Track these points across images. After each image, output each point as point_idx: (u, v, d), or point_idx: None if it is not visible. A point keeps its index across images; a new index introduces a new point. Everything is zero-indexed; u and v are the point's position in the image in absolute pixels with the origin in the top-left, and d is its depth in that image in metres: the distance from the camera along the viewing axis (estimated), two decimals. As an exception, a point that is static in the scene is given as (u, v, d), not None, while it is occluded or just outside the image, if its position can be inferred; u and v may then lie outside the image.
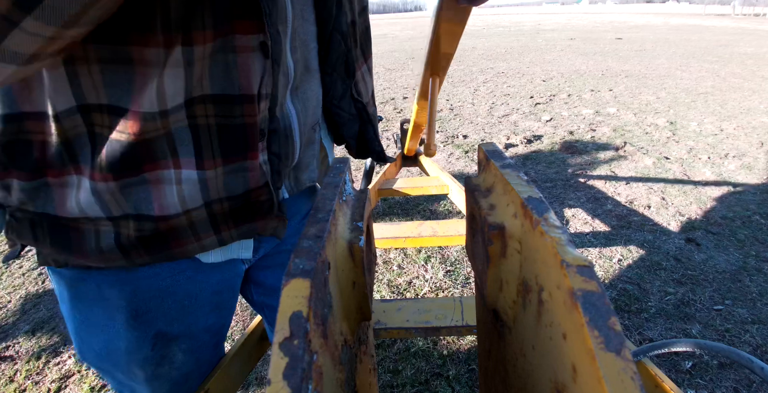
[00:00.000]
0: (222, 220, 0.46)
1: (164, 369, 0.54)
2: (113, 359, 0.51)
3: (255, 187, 0.46)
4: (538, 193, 0.21)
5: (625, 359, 0.12)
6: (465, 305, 0.87)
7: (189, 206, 0.43)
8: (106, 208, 0.41)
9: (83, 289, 0.48)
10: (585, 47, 8.52)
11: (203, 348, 0.58)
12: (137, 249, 0.43)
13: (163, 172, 0.41)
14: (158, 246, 0.44)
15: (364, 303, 0.24)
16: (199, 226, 0.45)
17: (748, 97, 4.13)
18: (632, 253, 1.76)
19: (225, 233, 0.47)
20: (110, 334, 0.50)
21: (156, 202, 0.41)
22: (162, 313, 0.50)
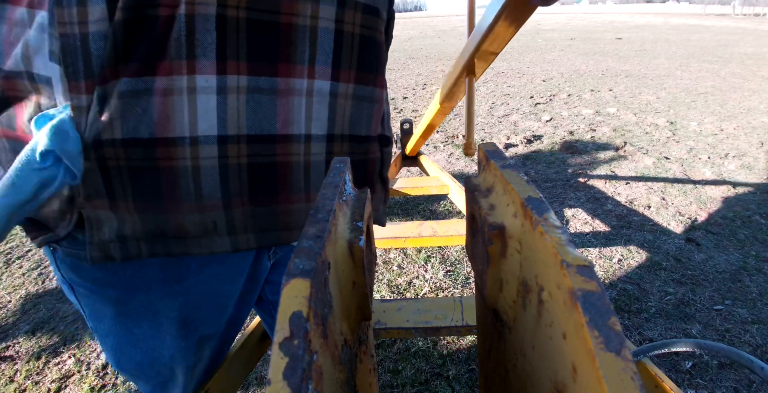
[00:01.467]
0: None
1: (198, 369, 0.55)
2: (156, 368, 0.50)
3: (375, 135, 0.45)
4: (538, 193, 0.21)
5: (625, 359, 0.12)
6: (465, 305, 0.87)
7: (313, 130, 0.39)
8: (222, 120, 0.35)
9: (132, 306, 0.45)
10: (585, 47, 8.52)
11: (228, 342, 0.58)
12: (243, 188, 0.38)
13: (295, 81, 0.37)
14: (266, 188, 0.39)
15: (364, 303, 0.24)
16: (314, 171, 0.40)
17: (748, 97, 4.13)
18: (632, 253, 1.76)
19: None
20: (155, 345, 0.48)
21: (281, 115, 0.37)
22: (205, 317, 0.50)
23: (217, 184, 0.37)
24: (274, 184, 0.39)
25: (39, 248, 0.44)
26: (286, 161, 0.39)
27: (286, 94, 0.37)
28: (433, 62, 7.17)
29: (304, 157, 0.40)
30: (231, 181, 0.37)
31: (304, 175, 0.40)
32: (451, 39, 11.31)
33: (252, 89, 0.35)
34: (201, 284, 0.46)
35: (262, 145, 0.37)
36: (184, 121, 0.35)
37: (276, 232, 0.42)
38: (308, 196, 0.42)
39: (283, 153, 0.39)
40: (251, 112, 0.36)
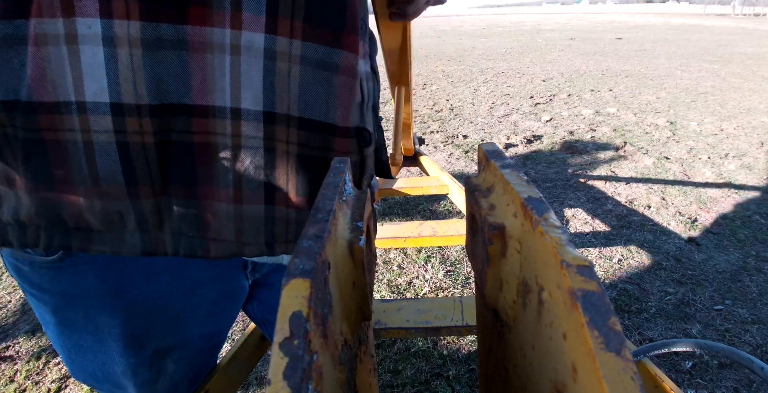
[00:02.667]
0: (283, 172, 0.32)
1: (159, 384, 0.49)
2: (111, 380, 0.46)
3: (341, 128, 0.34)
4: (538, 193, 0.21)
5: (625, 359, 0.12)
6: (465, 305, 0.87)
7: (242, 104, 0.29)
8: (114, 83, 0.27)
9: (70, 315, 0.40)
10: (585, 47, 8.52)
11: (197, 354, 0.53)
12: (153, 172, 0.30)
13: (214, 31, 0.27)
14: (183, 176, 0.30)
15: (364, 303, 0.24)
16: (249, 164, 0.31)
17: (748, 97, 4.13)
18: (632, 253, 1.76)
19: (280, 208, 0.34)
20: (104, 359, 0.44)
21: (196, 79, 0.28)
22: (158, 330, 0.44)
23: (117, 165, 0.29)
24: (192, 171, 0.30)
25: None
26: (205, 142, 0.30)
27: (200, 50, 0.27)
28: (433, 62, 7.17)
29: (232, 139, 0.30)
30: (135, 163, 0.29)
31: (232, 164, 0.30)
32: (451, 39, 11.31)
33: (150, 41, 0.26)
34: (148, 299, 0.41)
35: (171, 118, 0.28)
36: (67, 81, 0.27)
37: (201, 240, 0.34)
38: (238, 196, 0.32)
39: (201, 131, 0.29)
40: (151, 73, 0.27)
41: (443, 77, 5.78)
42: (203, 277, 0.45)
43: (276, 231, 0.35)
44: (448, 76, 5.87)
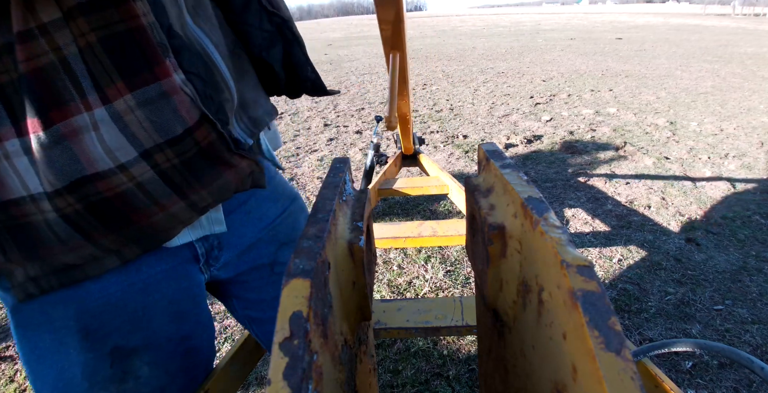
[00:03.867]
0: (179, 177, 0.39)
1: (129, 385, 0.49)
2: (73, 386, 0.46)
3: (193, 124, 0.38)
4: (538, 193, 0.21)
5: (625, 359, 0.12)
6: (465, 305, 0.87)
7: (121, 159, 0.37)
8: (39, 178, 0.36)
9: (27, 314, 0.44)
10: (585, 47, 8.52)
11: (171, 359, 0.52)
12: (94, 226, 0.39)
13: (76, 119, 0.35)
14: (117, 218, 0.39)
15: (364, 303, 0.24)
16: (152, 188, 0.39)
17: (748, 97, 4.13)
18: (632, 253, 1.76)
19: (194, 196, 0.41)
20: (63, 362, 0.45)
21: (81, 155, 0.36)
22: (115, 327, 0.46)
23: (70, 230, 0.39)
24: (120, 213, 0.39)
25: None
26: (115, 194, 0.38)
27: (73, 136, 0.36)
28: (433, 62, 7.17)
29: (131, 183, 0.38)
30: (81, 224, 0.39)
31: (144, 195, 0.39)
32: (451, 39, 11.31)
33: (45, 145, 0.35)
34: (98, 292, 0.44)
35: (83, 188, 0.37)
36: (17, 183, 0.37)
37: (150, 239, 0.42)
38: (161, 205, 0.40)
39: (108, 188, 0.38)
40: (52, 165, 0.36)
41: (443, 77, 5.78)
42: (155, 274, 0.47)
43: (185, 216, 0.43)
44: (448, 76, 5.87)
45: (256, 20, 0.48)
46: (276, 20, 0.49)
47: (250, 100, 0.50)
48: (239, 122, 0.49)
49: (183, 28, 0.41)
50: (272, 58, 0.50)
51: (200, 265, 0.52)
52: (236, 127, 0.49)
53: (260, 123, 0.51)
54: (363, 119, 3.89)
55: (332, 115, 4.08)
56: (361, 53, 9.24)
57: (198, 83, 0.39)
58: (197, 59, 0.40)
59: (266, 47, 0.49)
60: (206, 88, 0.40)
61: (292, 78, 0.54)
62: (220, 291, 0.61)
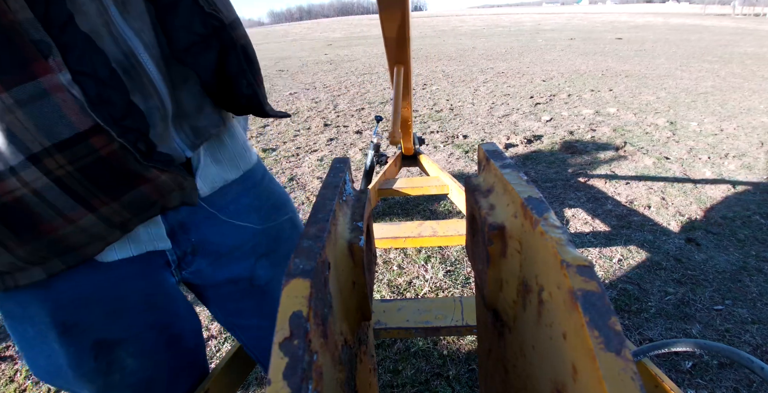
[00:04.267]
0: (78, 184, 0.37)
1: (115, 377, 0.50)
2: (61, 375, 0.48)
3: (86, 128, 0.35)
4: (538, 193, 0.21)
5: (625, 359, 0.12)
6: (465, 305, 0.87)
7: (10, 162, 0.35)
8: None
9: (9, 308, 0.45)
10: (585, 47, 8.52)
11: (155, 349, 0.52)
12: (6, 234, 0.37)
13: None
14: (24, 227, 0.37)
15: (364, 303, 0.24)
16: (51, 197, 0.36)
17: (748, 97, 4.13)
18: (632, 253, 1.76)
19: (105, 209, 0.39)
20: (49, 351, 0.46)
21: None
22: (93, 322, 0.46)
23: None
24: (26, 222, 0.37)
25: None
26: (15, 198, 0.36)
27: None
28: (433, 62, 7.17)
29: (26, 189, 0.36)
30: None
31: (44, 203, 0.37)
32: (451, 39, 11.31)
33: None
34: (72, 289, 0.44)
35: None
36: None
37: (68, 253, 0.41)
38: (66, 216, 0.38)
39: (4, 193, 0.36)
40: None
41: (443, 77, 5.78)
42: (125, 274, 0.47)
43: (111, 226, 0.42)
44: (448, 76, 5.87)
45: (186, 21, 0.42)
46: (212, 22, 0.43)
47: (192, 108, 0.45)
48: (179, 131, 0.45)
49: (107, 26, 0.37)
50: (198, 65, 0.43)
51: (171, 270, 0.52)
52: (174, 136, 0.45)
53: (203, 134, 0.47)
54: (363, 119, 3.89)
55: (332, 115, 4.08)
56: (361, 53, 9.24)
57: (89, 85, 0.35)
58: (96, 58, 0.36)
59: (193, 53, 0.43)
60: (103, 89, 0.36)
61: (226, 90, 0.47)
62: (200, 295, 0.61)
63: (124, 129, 0.37)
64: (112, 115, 0.37)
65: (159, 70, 0.41)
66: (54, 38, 0.34)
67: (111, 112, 0.36)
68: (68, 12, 0.35)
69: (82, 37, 0.35)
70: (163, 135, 0.43)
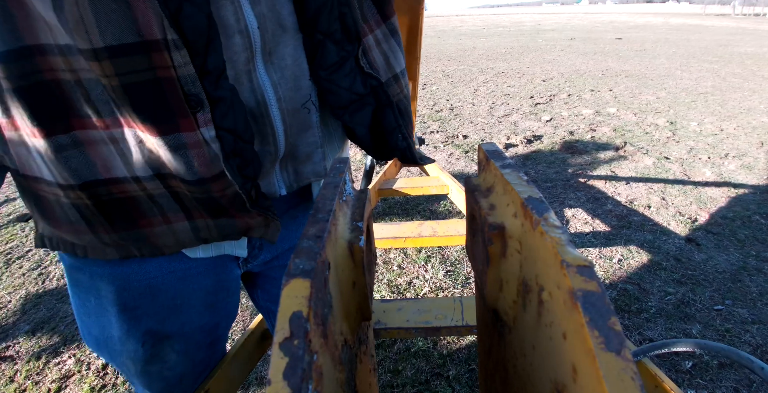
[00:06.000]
0: (189, 201, 0.40)
1: (155, 367, 0.53)
2: (109, 346, 0.51)
3: (209, 177, 0.37)
4: (538, 193, 0.21)
5: (625, 359, 0.12)
6: (465, 305, 0.86)
7: (137, 173, 0.38)
8: (50, 172, 0.38)
9: (79, 277, 0.48)
10: (585, 47, 8.52)
11: (198, 348, 0.56)
12: (100, 220, 0.40)
13: (92, 132, 0.36)
14: (122, 218, 0.40)
15: (364, 303, 0.24)
16: (162, 202, 0.40)
17: (748, 97, 4.13)
18: (632, 253, 1.76)
19: (200, 221, 0.42)
20: (104, 322, 0.49)
21: (98, 161, 0.37)
22: (153, 311, 0.49)
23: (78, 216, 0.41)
24: (125, 215, 0.41)
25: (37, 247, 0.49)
26: (125, 196, 0.40)
27: (92, 144, 0.37)
28: (433, 62, 7.16)
29: (143, 193, 0.40)
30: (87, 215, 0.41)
31: (152, 203, 0.41)
32: (451, 39, 11.31)
33: (55, 148, 0.37)
34: (142, 274, 0.47)
35: (95, 189, 0.39)
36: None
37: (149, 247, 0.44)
38: (167, 217, 0.42)
39: (120, 191, 0.39)
40: (67, 164, 0.37)
41: (443, 77, 5.78)
42: (196, 265, 0.49)
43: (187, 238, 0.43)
44: (448, 76, 5.87)
45: (347, 81, 0.43)
46: (372, 83, 0.45)
47: (303, 155, 0.46)
48: (283, 171, 0.47)
49: (249, 75, 0.38)
50: (354, 122, 0.46)
51: (239, 262, 0.54)
52: (277, 175, 0.47)
53: (303, 178, 0.49)
54: (363, 119, 3.88)
55: (332, 115, 4.08)
56: (361, 53, 9.22)
57: (228, 139, 0.37)
58: (239, 113, 0.37)
59: (352, 110, 0.45)
60: (238, 143, 0.37)
61: (381, 143, 0.49)
62: (249, 280, 0.63)
63: (245, 179, 0.39)
64: (239, 166, 0.38)
65: (283, 120, 0.42)
66: (207, 92, 0.34)
67: (238, 163, 0.38)
68: (223, 63, 0.35)
69: (230, 90, 0.36)
70: (266, 173, 0.45)
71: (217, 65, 0.35)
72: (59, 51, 0.33)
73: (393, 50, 0.48)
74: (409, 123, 0.51)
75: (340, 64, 0.42)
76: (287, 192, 0.48)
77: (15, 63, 0.33)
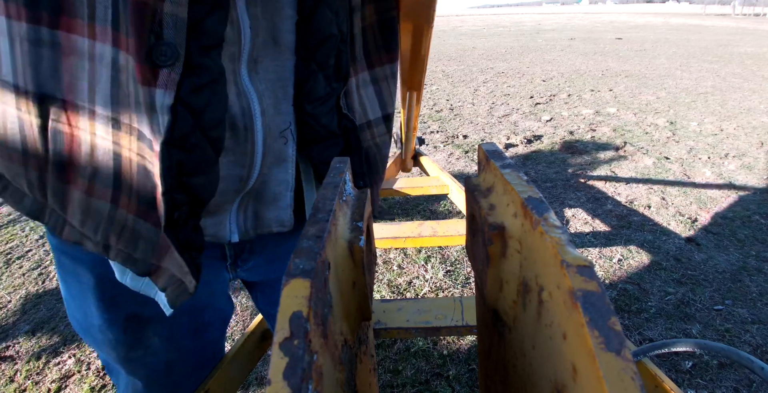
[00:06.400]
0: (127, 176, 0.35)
1: (137, 353, 0.51)
2: (92, 333, 0.50)
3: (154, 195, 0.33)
4: (538, 193, 0.21)
5: (625, 359, 0.12)
6: (465, 305, 0.86)
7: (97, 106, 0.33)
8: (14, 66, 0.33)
9: (63, 260, 0.47)
10: (585, 47, 8.52)
11: (183, 334, 0.54)
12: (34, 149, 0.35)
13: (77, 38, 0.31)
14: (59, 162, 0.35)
15: (364, 303, 0.24)
16: (101, 162, 0.35)
17: (748, 97, 4.13)
18: (632, 253, 1.76)
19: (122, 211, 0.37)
20: (86, 309, 0.49)
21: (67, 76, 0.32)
22: (132, 296, 0.45)
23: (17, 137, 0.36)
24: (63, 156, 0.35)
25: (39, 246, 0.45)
26: (73, 134, 0.34)
27: (68, 54, 0.32)
28: (433, 62, 7.16)
29: (89, 136, 0.34)
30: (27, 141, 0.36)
31: (89, 159, 0.35)
32: (451, 39, 11.31)
33: (33, 40, 0.31)
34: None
35: (48, 107, 0.33)
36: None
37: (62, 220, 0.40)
38: (90, 189, 0.35)
39: (69, 123, 0.34)
40: (34, 65, 0.32)
41: (443, 77, 5.78)
42: None
43: (110, 232, 0.38)
44: (448, 76, 5.87)
45: (327, 119, 0.41)
46: (346, 125, 0.43)
47: (270, 195, 0.43)
48: (240, 211, 0.43)
49: (234, 75, 0.35)
50: (320, 160, 0.43)
51: (227, 264, 0.52)
52: (232, 215, 0.42)
53: (263, 226, 0.44)
54: (363, 119, 3.89)
55: (332, 115, 4.08)
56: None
57: (185, 121, 0.31)
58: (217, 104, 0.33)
59: (320, 148, 0.43)
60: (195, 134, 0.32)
61: None
62: (249, 285, 0.63)
63: (181, 189, 0.33)
64: (180, 163, 0.33)
65: (264, 141, 0.38)
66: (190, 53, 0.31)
67: (181, 160, 0.32)
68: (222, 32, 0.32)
69: (218, 70, 0.33)
70: (222, 208, 0.41)
71: (215, 30, 0.30)
72: None
73: (371, 98, 0.47)
74: (375, 173, 0.49)
75: (325, 100, 0.40)
76: (239, 239, 0.44)
77: None
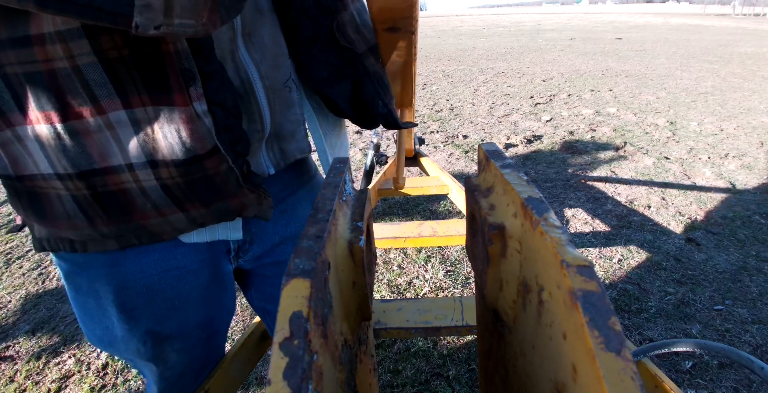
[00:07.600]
0: (180, 192, 0.41)
1: (157, 368, 0.54)
2: (114, 345, 0.52)
3: (203, 153, 0.38)
4: (538, 193, 0.21)
5: (625, 359, 0.12)
6: (465, 305, 0.86)
7: (131, 160, 0.38)
8: (50, 162, 0.38)
9: (78, 281, 0.49)
10: (585, 47, 8.52)
11: (196, 345, 0.57)
12: (97, 212, 0.40)
13: (88, 120, 0.37)
14: (118, 211, 0.41)
15: (364, 303, 0.24)
16: (155, 196, 0.40)
17: (748, 97, 4.13)
18: (632, 253, 1.76)
19: (194, 212, 0.43)
20: (106, 323, 0.50)
21: (94, 150, 0.38)
22: (151, 312, 0.49)
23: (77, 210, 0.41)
24: (122, 209, 0.41)
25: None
26: (121, 189, 0.40)
27: (86, 134, 0.37)
28: (433, 62, 7.17)
29: (135, 184, 0.40)
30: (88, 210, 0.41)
31: (145, 198, 0.41)
32: (451, 39, 11.31)
33: (55, 136, 0.37)
34: (139, 273, 0.47)
35: (91, 178, 0.39)
36: (29, 162, 0.39)
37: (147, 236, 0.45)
38: (161, 211, 0.42)
39: (113, 183, 0.39)
40: (66, 154, 0.38)
41: (443, 77, 5.78)
42: (190, 263, 0.50)
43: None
44: (448, 76, 5.87)
45: (322, 54, 0.46)
46: (347, 55, 0.47)
47: (287, 132, 0.49)
48: (269, 150, 0.50)
49: (232, 54, 0.41)
50: (335, 94, 0.49)
51: (230, 257, 0.55)
52: (264, 155, 0.50)
53: (289, 156, 0.52)
54: (363, 119, 3.88)
55: (332, 115, 4.08)
56: (361, 53, 9.22)
57: (219, 114, 0.39)
58: (228, 90, 0.39)
59: (330, 83, 0.48)
60: (228, 119, 0.40)
61: (363, 112, 0.52)
62: (242, 279, 0.64)
63: (237, 154, 0.41)
64: (230, 141, 0.40)
65: (267, 98, 0.45)
66: (199, 67, 0.37)
67: (230, 139, 0.40)
68: (211, 40, 0.37)
69: (219, 66, 0.38)
70: (254, 153, 0.48)
71: (207, 41, 0.37)
72: (59, 38, 0.33)
73: (368, 25, 0.50)
74: (388, 91, 0.54)
75: (316, 38, 0.45)
76: (275, 171, 0.51)
77: (13, 51, 0.34)
